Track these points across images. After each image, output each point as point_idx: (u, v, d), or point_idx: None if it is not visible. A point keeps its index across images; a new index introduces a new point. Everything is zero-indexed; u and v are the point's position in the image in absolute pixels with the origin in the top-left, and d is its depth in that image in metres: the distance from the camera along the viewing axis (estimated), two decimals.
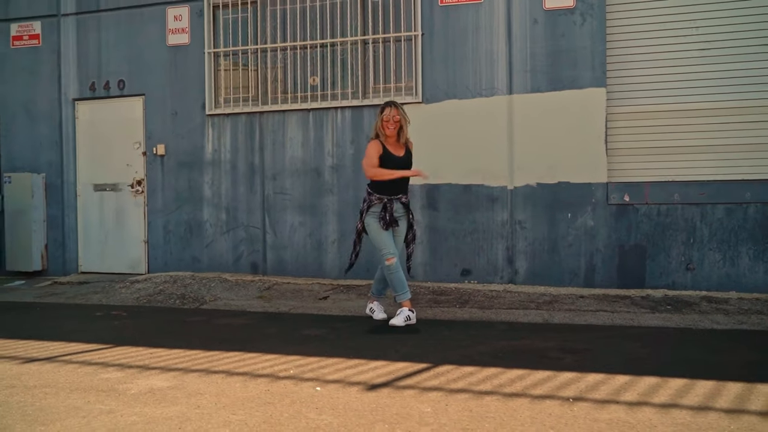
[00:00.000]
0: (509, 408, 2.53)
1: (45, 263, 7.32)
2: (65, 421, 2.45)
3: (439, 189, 6.11)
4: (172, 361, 3.39)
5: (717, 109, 5.53)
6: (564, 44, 5.75)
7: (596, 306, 5.06)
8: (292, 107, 6.50)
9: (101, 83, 7.09)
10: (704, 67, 5.56)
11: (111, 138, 7.12)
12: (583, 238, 5.74)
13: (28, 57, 7.37)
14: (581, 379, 2.94)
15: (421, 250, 6.16)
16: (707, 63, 5.56)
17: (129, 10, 6.97)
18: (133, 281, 6.51)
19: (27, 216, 7.17)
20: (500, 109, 5.92)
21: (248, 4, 6.62)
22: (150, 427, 2.37)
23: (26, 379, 3.05)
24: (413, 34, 6.13)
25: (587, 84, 5.69)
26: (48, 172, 7.32)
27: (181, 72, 6.81)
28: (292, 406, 2.59)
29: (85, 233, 7.25)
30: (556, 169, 5.79)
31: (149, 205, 6.98)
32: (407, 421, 2.39)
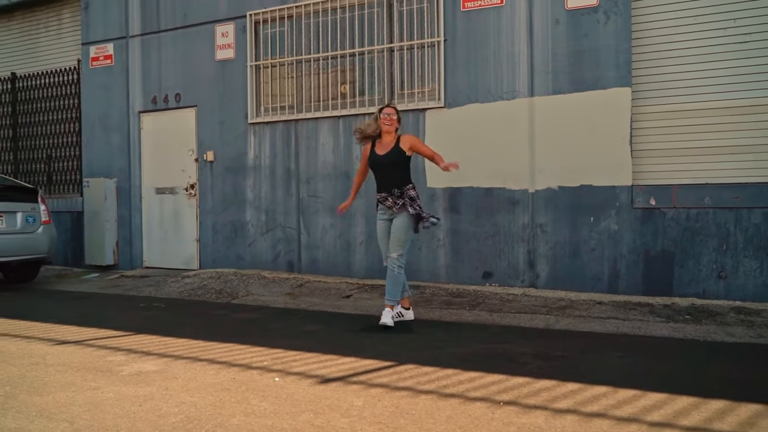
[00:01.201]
0: (435, 407, 2.66)
1: (116, 258, 8.22)
2: (57, 393, 2.91)
3: (461, 192, 6.19)
4: (171, 348, 3.82)
5: (754, 106, 5.17)
6: (587, 44, 5.61)
7: (609, 313, 4.93)
8: (324, 114, 6.84)
9: (161, 96, 7.85)
10: (742, 61, 5.21)
11: (169, 146, 7.86)
12: (607, 242, 5.58)
13: (103, 75, 8.31)
14: (528, 385, 2.98)
15: (444, 252, 6.27)
16: (745, 57, 5.20)
17: (184, 30, 7.66)
18: (183, 276, 7.18)
19: (101, 216, 8.10)
20: (521, 111, 5.89)
21: (285, 18, 7.05)
22: (118, 402, 2.77)
23: (49, 358, 3.60)
24: (436, 40, 6.24)
25: (611, 84, 5.52)
26: (119, 177, 8.21)
27: (228, 84, 7.39)
28: (243, 393, 2.89)
29: (148, 232, 8.06)
30: (578, 171, 5.67)
31: (200, 207, 7.63)
32: (332, 412, 2.60)
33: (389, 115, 4.67)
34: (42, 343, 4.01)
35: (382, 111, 4.70)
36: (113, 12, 8.18)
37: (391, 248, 4.54)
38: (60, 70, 8.85)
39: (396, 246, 4.53)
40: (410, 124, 6.39)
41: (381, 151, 4.69)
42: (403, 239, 4.54)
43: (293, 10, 6.97)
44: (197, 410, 2.65)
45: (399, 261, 4.54)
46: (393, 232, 4.57)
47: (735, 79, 5.22)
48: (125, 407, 2.70)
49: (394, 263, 4.53)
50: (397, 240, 4.54)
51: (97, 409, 2.68)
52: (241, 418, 2.55)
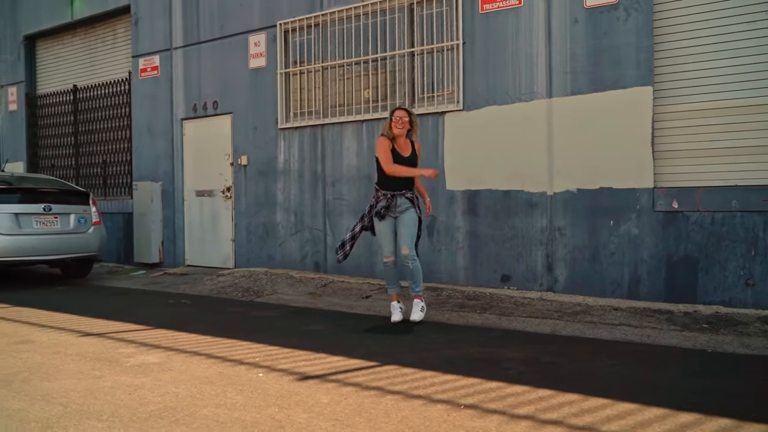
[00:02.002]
0: (396, 408, 2.74)
1: (161, 256, 8.76)
2: (64, 380, 3.22)
3: (479, 195, 6.18)
4: (179, 342, 4.09)
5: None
6: (606, 42, 5.47)
7: (623, 320, 4.80)
8: (348, 119, 7.01)
9: (201, 104, 8.30)
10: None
11: (208, 151, 8.30)
12: (627, 246, 5.41)
13: (151, 85, 8.87)
14: (499, 390, 3.00)
15: (462, 254, 6.28)
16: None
17: (221, 40, 8.06)
18: (219, 274, 7.56)
19: (148, 217, 8.66)
20: (539, 113, 5.81)
21: (313, 27, 7.28)
22: (112, 390, 3.03)
23: (71, 348, 3.96)
24: (455, 44, 6.26)
25: (631, 83, 5.35)
26: (164, 180, 8.75)
27: (260, 91, 7.71)
28: (224, 386, 3.08)
29: (189, 232, 8.54)
30: (597, 173, 5.54)
31: (236, 209, 8.01)
32: (296, 408, 2.74)
33: (401, 118, 4.79)
34: (70, 334, 4.40)
35: (394, 114, 4.84)
36: (159, 26, 8.72)
37: (405, 243, 4.68)
38: (114, 81, 9.52)
39: (409, 240, 4.70)
40: (430, 127, 6.45)
41: (403, 152, 4.84)
42: (413, 234, 4.75)
43: (320, 18, 7.19)
44: (177, 400, 2.87)
45: (412, 254, 4.72)
46: (406, 226, 4.73)
47: (763, 75, 4.93)
48: (116, 395, 2.96)
49: (408, 258, 4.68)
50: (411, 235, 4.73)
51: (92, 396, 2.95)
52: (211, 409, 2.74)
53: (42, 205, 7.05)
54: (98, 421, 2.62)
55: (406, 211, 4.79)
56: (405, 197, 4.79)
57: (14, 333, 4.47)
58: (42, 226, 7.04)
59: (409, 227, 4.74)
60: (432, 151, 6.44)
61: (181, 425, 2.55)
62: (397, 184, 4.78)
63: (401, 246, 4.74)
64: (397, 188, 4.78)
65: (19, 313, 5.30)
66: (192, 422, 2.59)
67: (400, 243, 4.75)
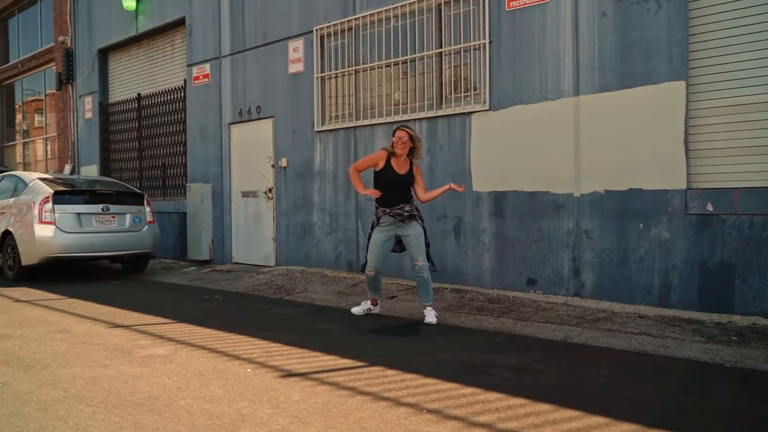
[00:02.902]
0: (358, 409, 2.79)
1: (212, 254, 9.25)
2: (77, 368, 3.53)
3: (505, 196, 6.06)
4: (193, 336, 4.35)
5: None
6: (636, 36, 5.20)
7: (645, 329, 4.56)
8: (379, 121, 7.09)
9: (246, 109, 8.68)
10: None
11: (252, 153, 8.67)
12: (657, 251, 5.12)
13: (202, 92, 9.39)
14: (471, 396, 2.96)
15: (488, 257, 6.19)
16: None
17: (264, 47, 8.39)
18: (259, 272, 7.89)
19: (199, 217, 9.18)
20: (566, 112, 5.62)
21: (346, 31, 7.42)
22: (112, 378, 3.30)
23: (97, 338, 4.32)
24: (481, 43, 6.18)
25: (663, 78, 5.06)
26: (214, 181, 9.23)
27: (298, 95, 7.96)
28: (211, 379, 3.26)
29: (236, 231, 8.96)
30: (626, 174, 5.28)
31: (276, 209, 8.31)
32: (266, 403, 2.86)
33: (400, 138, 4.90)
34: (103, 325, 4.79)
35: (396, 133, 4.96)
36: (209, 36, 9.20)
37: (418, 256, 4.87)
38: (172, 89, 10.16)
39: (420, 253, 4.88)
40: (457, 128, 6.40)
41: (400, 170, 4.96)
42: (423, 246, 4.92)
43: (352, 22, 7.31)
44: (163, 391, 3.08)
45: (426, 265, 4.89)
46: (415, 239, 4.89)
47: None
48: (114, 383, 3.22)
49: (423, 269, 4.88)
50: (419, 247, 4.90)
51: (93, 383, 3.22)
52: (189, 401, 2.91)
53: (101, 206, 7.67)
54: (87, 406, 2.86)
55: (410, 226, 4.92)
56: (404, 212, 4.88)
57: (57, 322, 4.93)
58: (101, 224, 7.66)
59: (418, 240, 4.89)
60: (459, 152, 6.39)
61: (155, 413, 2.75)
62: (393, 200, 4.90)
63: (415, 258, 4.90)
64: (394, 204, 4.90)
65: (70, 305, 5.82)
66: (165, 411, 2.77)
67: (414, 256, 4.91)
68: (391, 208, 4.90)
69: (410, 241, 4.92)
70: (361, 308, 5.33)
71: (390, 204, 4.91)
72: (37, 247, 7.23)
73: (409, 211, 4.90)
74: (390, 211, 4.90)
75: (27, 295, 6.42)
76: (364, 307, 5.33)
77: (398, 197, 4.90)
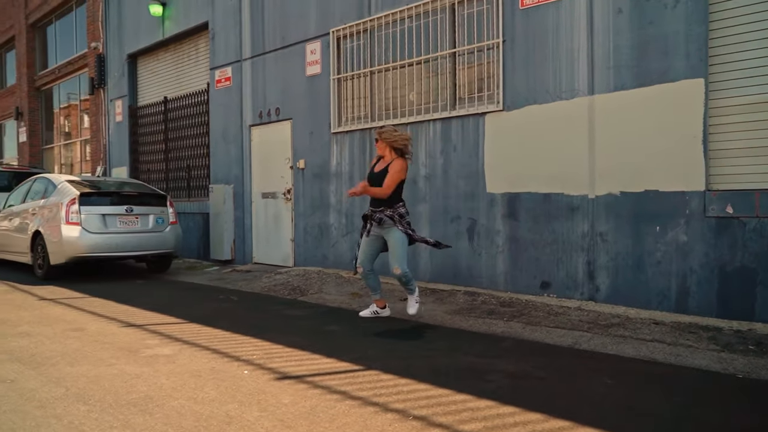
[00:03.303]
0: (345, 413, 2.78)
1: (233, 254, 9.40)
2: (83, 366, 3.64)
3: (519, 198, 5.96)
4: (199, 337, 4.42)
5: None
6: (652, 32, 5.03)
7: (658, 336, 4.41)
8: (394, 122, 7.06)
9: (265, 111, 8.79)
10: None
11: (271, 155, 8.77)
12: (674, 255, 4.95)
13: (224, 95, 9.55)
14: (462, 403, 2.92)
15: (502, 259, 6.10)
16: None
17: (282, 50, 8.48)
18: (277, 272, 7.98)
19: (221, 218, 9.34)
20: (580, 111, 5.48)
21: (362, 32, 7.43)
22: (113, 377, 3.38)
23: (109, 337, 4.44)
24: (494, 42, 6.09)
25: (680, 75, 4.89)
26: (235, 183, 9.38)
27: (315, 97, 8.01)
28: (206, 380, 3.31)
29: (256, 232, 9.08)
30: (642, 175, 5.12)
31: (295, 210, 8.39)
32: (255, 405, 2.88)
33: (376, 140, 5.02)
34: (117, 324, 4.93)
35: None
36: (231, 39, 9.36)
37: (395, 262, 4.82)
38: (196, 92, 10.37)
39: (397, 259, 4.81)
40: (471, 129, 6.33)
41: (378, 167, 5.00)
42: (401, 254, 4.83)
43: (368, 24, 7.31)
44: (159, 391, 3.14)
45: (404, 272, 4.84)
46: (393, 246, 4.86)
47: None
48: (114, 382, 3.30)
49: (399, 276, 4.87)
50: (398, 254, 4.81)
51: (95, 382, 3.32)
52: (181, 402, 2.97)
53: (125, 207, 7.89)
54: (84, 404, 2.95)
55: (389, 231, 4.89)
56: (384, 215, 4.86)
57: (74, 321, 5.09)
58: (125, 225, 7.88)
59: (396, 247, 4.84)
60: (473, 153, 6.32)
61: (146, 414, 2.80)
62: (374, 200, 4.95)
63: (392, 265, 4.87)
64: (374, 204, 4.94)
65: (90, 303, 6.00)
66: (157, 412, 2.83)
67: (391, 263, 4.88)
68: (372, 209, 4.96)
69: (389, 246, 4.95)
70: (369, 311, 5.32)
71: (372, 204, 4.98)
72: (65, 247, 7.49)
73: (390, 216, 4.85)
74: (368, 211, 5.00)
75: (53, 294, 6.66)
76: (371, 310, 5.31)
77: (391, 197, 4.89)
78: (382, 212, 4.88)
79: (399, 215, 4.87)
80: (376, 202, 4.91)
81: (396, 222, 4.86)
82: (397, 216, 4.86)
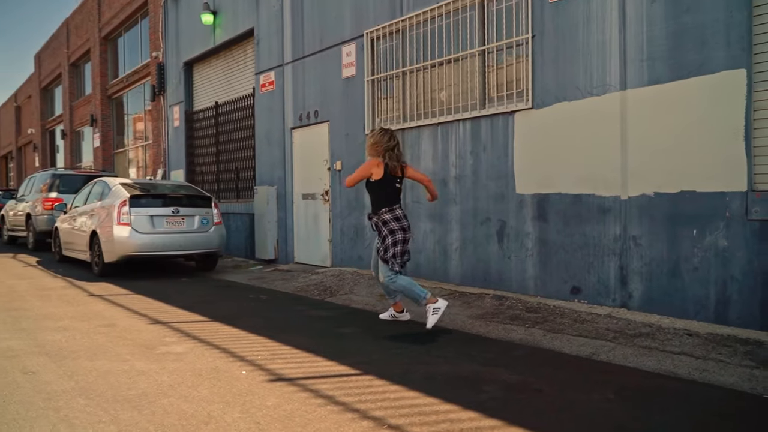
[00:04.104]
0: (322, 419, 2.77)
1: (276, 254, 9.64)
2: (100, 361, 3.84)
3: (548, 199, 5.73)
4: (214, 335, 4.56)
5: None
6: (689, 21, 4.68)
7: (689, 348, 4.10)
8: (425, 123, 6.99)
9: (305, 114, 8.95)
10: None
11: (311, 157, 8.91)
12: (713, 261, 4.58)
13: (268, 98, 9.81)
14: (445, 414, 2.83)
15: (531, 263, 5.89)
16: None
17: (320, 53, 8.60)
18: (314, 272, 8.10)
19: (265, 218, 9.60)
20: (612, 107, 5.19)
21: (394, 33, 7.40)
22: (120, 373, 3.55)
23: (133, 334, 4.67)
24: (524, 38, 5.88)
25: (719, 66, 4.51)
26: (278, 184, 9.61)
27: (350, 99, 8.06)
28: (204, 379, 3.40)
29: (297, 232, 9.27)
30: (677, 175, 4.78)
31: (332, 211, 8.48)
32: (239, 407, 2.93)
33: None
34: (145, 321, 5.17)
35: None
36: (274, 44, 9.59)
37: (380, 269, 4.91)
38: (243, 96, 10.72)
39: (382, 267, 4.86)
40: (500, 128, 6.15)
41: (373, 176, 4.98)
42: (382, 261, 4.83)
43: (400, 24, 7.27)
44: (156, 388, 3.27)
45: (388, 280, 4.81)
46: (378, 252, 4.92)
47: None
48: (119, 378, 3.47)
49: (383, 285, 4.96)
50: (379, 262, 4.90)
51: (103, 377, 3.49)
52: (172, 400, 3.07)
53: (171, 208, 8.28)
54: (85, 398, 3.11)
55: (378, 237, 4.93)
56: (371, 221, 4.93)
57: (110, 317, 5.39)
58: (171, 226, 8.27)
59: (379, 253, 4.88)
60: (502, 153, 6.13)
61: (135, 410, 2.92)
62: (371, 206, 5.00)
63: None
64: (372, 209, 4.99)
65: (131, 300, 6.35)
66: (146, 408, 2.94)
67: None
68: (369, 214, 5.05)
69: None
70: (388, 314, 5.29)
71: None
72: (116, 246, 7.96)
73: (375, 222, 4.88)
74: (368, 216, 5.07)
75: (102, 290, 7.09)
76: (390, 313, 5.28)
77: (373, 203, 4.94)
78: (370, 218, 4.94)
79: (382, 222, 4.84)
80: (374, 206, 4.94)
81: (380, 229, 4.86)
82: (380, 223, 4.85)
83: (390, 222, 4.82)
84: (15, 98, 31.56)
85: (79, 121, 20.48)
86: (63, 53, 21.46)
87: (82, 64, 20.67)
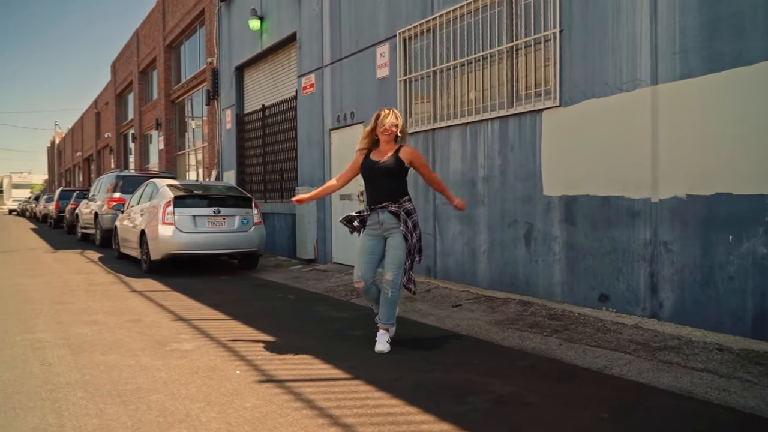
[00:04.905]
0: (291, 423, 2.75)
1: (316, 253, 9.78)
2: (110, 355, 4.03)
3: (576, 201, 5.46)
4: (228, 334, 4.67)
5: None
6: (724, 8, 4.31)
7: (715, 366, 3.78)
8: (454, 122, 6.85)
9: (342, 115, 9.01)
10: None
11: (348, 158, 8.93)
12: (751, 269, 4.20)
13: (309, 100, 9.96)
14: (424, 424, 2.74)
15: (559, 268, 5.63)
16: None
17: (356, 55, 8.63)
18: (346, 273, 8.15)
19: (305, 218, 9.76)
20: (643, 104, 4.87)
21: (426, 32, 7.30)
22: (125, 368, 3.70)
23: (154, 329, 4.87)
24: (552, 33, 5.62)
25: (759, 57, 4.13)
26: (318, 185, 9.73)
27: (384, 99, 8.03)
28: (197, 377, 3.48)
29: (335, 232, 9.35)
30: (712, 176, 4.41)
31: None
32: (218, 407, 2.97)
33: (391, 123, 4.14)
34: (169, 317, 5.38)
35: (380, 117, 4.20)
36: (314, 47, 9.73)
37: (389, 268, 4.11)
38: (287, 99, 10.95)
39: (393, 267, 4.10)
40: (528, 127, 5.92)
41: (377, 157, 4.24)
42: (401, 260, 4.11)
43: (431, 23, 7.16)
44: (150, 384, 3.38)
45: (396, 282, 4.11)
46: (392, 249, 4.14)
47: None
48: (122, 372, 3.62)
49: (389, 285, 4.12)
50: (395, 260, 4.09)
51: (107, 371, 3.66)
52: (160, 396, 3.16)
53: (213, 209, 8.59)
54: (83, 392, 3.27)
55: (393, 231, 4.13)
56: (389, 212, 4.12)
57: (141, 312, 5.66)
58: (212, 225, 8.58)
59: (394, 250, 4.10)
60: (530, 153, 5.90)
61: (122, 405, 3.04)
62: (374, 195, 4.18)
63: (385, 271, 4.15)
64: (377, 200, 4.16)
65: (166, 297, 6.63)
66: (132, 403, 3.05)
67: (385, 268, 4.16)
68: (372, 206, 4.18)
69: (388, 250, 4.16)
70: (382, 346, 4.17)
71: (371, 200, 4.19)
72: (160, 245, 8.35)
73: (395, 212, 4.07)
74: (371, 210, 4.21)
75: (144, 286, 7.46)
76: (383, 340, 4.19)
77: (378, 192, 4.15)
78: (385, 208, 4.12)
79: (406, 212, 4.13)
80: (377, 197, 4.19)
81: (401, 220, 4.10)
82: (403, 213, 4.11)
83: (413, 214, 4.20)
84: (95, 104, 33.95)
85: (147, 125, 21.72)
86: (134, 61, 22.85)
87: (150, 71, 21.90)
